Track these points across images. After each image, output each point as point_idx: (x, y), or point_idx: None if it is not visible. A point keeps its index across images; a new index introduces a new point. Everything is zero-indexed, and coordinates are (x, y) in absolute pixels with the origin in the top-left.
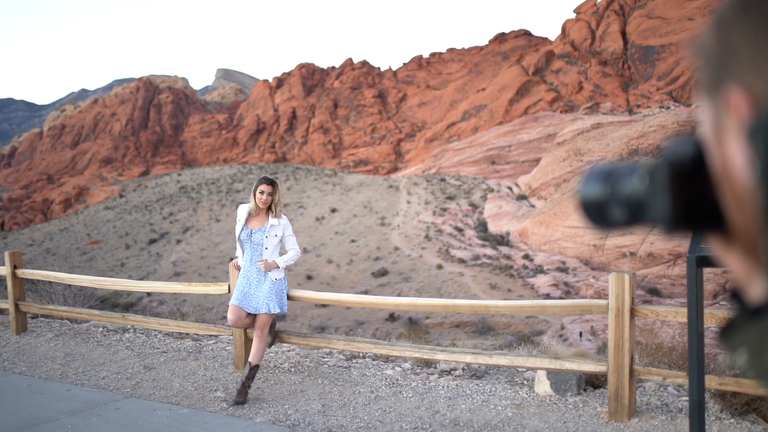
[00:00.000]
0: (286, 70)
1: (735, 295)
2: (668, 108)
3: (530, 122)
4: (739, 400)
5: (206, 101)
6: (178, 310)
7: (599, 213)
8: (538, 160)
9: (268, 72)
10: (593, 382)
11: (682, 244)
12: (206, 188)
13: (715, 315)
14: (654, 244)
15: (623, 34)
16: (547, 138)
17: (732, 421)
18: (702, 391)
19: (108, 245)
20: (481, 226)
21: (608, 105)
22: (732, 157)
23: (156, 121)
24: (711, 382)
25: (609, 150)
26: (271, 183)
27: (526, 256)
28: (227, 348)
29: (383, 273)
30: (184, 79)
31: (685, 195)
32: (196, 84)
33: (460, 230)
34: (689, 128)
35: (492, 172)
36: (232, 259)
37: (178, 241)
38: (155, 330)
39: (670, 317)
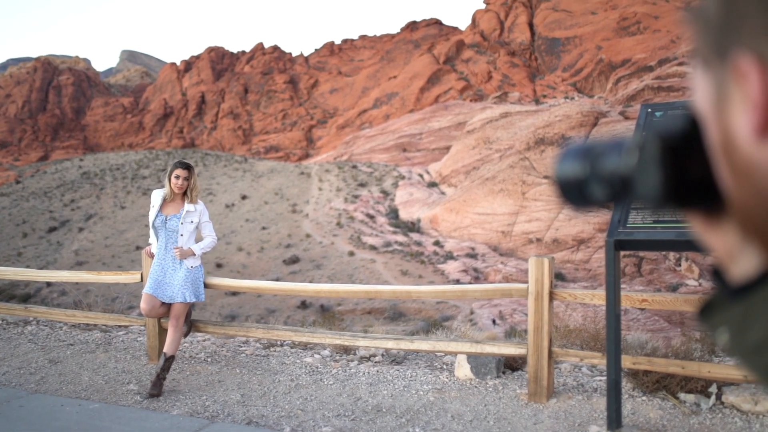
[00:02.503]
0: (195, 54)
1: (717, 274)
2: (572, 99)
3: (441, 110)
4: (650, 378)
5: (110, 84)
6: (82, 301)
7: (578, 192)
8: (448, 148)
9: (176, 55)
10: (511, 365)
11: (585, 230)
12: (110, 174)
13: (630, 297)
14: (559, 230)
15: (531, 25)
16: (457, 126)
17: (644, 398)
18: (619, 371)
19: (3, 234)
20: (393, 213)
21: (516, 95)
22: (737, 128)
23: (55, 104)
24: (625, 361)
25: (517, 138)
26: (187, 167)
27: (437, 243)
28: (139, 339)
29: (295, 260)
30: (86, 60)
31: (676, 170)
32: (99, 66)
33: (371, 217)
34: (592, 118)
35: (403, 159)
36: (138, 248)
37: (81, 230)
38: (60, 322)
39: (588, 300)
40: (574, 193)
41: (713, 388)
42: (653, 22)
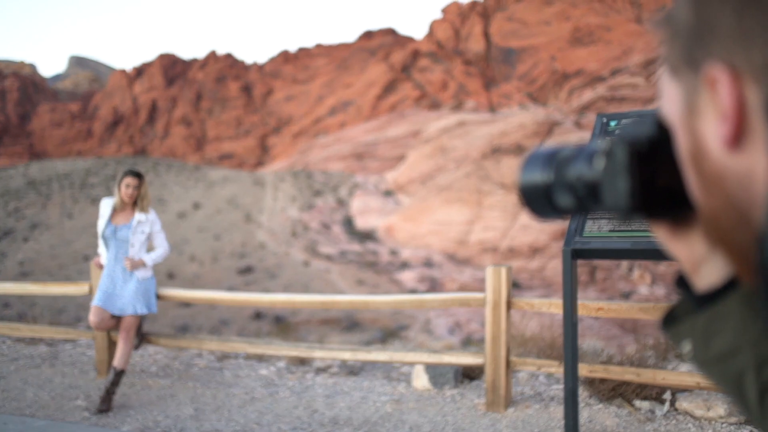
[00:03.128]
0: (146, 60)
1: (681, 283)
2: (527, 108)
3: (396, 119)
4: (606, 386)
5: (57, 90)
6: (27, 314)
7: (543, 200)
8: (404, 157)
9: (127, 61)
10: (469, 375)
11: (540, 239)
12: (57, 182)
13: (587, 306)
14: (515, 239)
15: (486, 35)
16: (413, 135)
17: (600, 406)
18: (576, 379)
19: None
20: (348, 222)
21: (472, 104)
22: (707, 138)
23: None
24: (582, 369)
25: (472, 147)
26: (138, 176)
27: (393, 252)
28: (88, 353)
29: (249, 270)
30: (32, 65)
31: (644, 178)
32: (46, 71)
33: (327, 226)
34: (547, 128)
35: (359, 168)
36: (87, 258)
37: (26, 239)
38: (3, 336)
39: (545, 309)
40: (538, 201)
41: (667, 395)
42: (606, 34)
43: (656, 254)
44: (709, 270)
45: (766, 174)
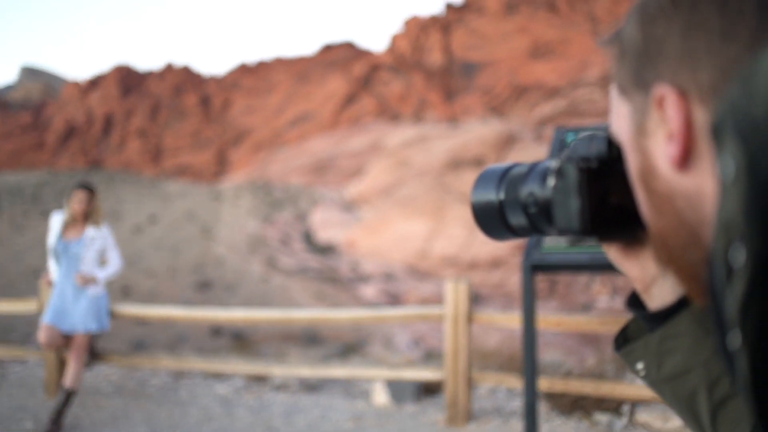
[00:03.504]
0: (101, 71)
1: (633, 303)
2: (488, 121)
3: (357, 131)
4: (566, 399)
5: (8, 100)
6: None
7: (496, 219)
8: (364, 170)
9: (81, 72)
10: (430, 389)
11: (500, 252)
12: (8, 196)
13: (547, 320)
14: (475, 252)
15: (447, 48)
16: (373, 147)
17: (561, 420)
18: (536, 393)
19: None
20: (308, 236)
21: (432, 116)
22: (657, 158)
23: None
24: (542, 383)
25: (433, 160)
26: (89, 189)
27: (353, 265)
28: (37, 373)
29: (206, 285)
30: None
31: (595, 197)
32: None
33: (286, 240)
34: (507, 141)
35: (319, 180)
36: (39, 274)
37: None
38: None
39: (505, 323)
40: (491, 220)
41: (626, 408)
42: (564, 48)
43: (615, 268)
44: (660, 290)
45: (714, 194)
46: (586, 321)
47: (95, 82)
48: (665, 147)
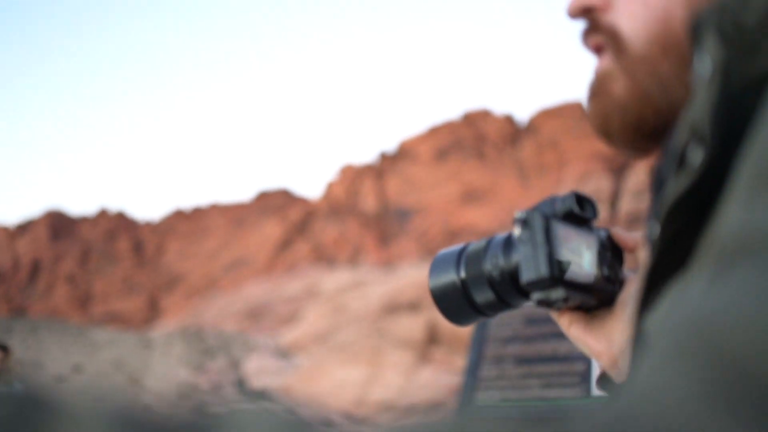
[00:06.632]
0: (31, 216)
1: (603, 381)
2: (422, 265)
3: (292, 276)
4: None
5: None
6: None
7: (460, 300)
8: (299, 315)
9: (7, 216)
10: None
11: (438, 394)
12: None
13: None
14: (413, 396)
15: (381, 194)
16: (308, 292)
17: None
18: None
19: None
20: (241, 384)
21: (367, 261)
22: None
23: None
24: None
25: (369, 305)
26: (2, 347)
27: (288, 413)
28: None
29: None
30: None
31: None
32: None
33: (218, 388)
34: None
35: (254, 326)
36: None
37: None
38: None
39: None
40: (454, 302)
41: None
42: (494, 193)
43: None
44: (628, 362)
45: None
46: None
47: (24, 227)
48: None
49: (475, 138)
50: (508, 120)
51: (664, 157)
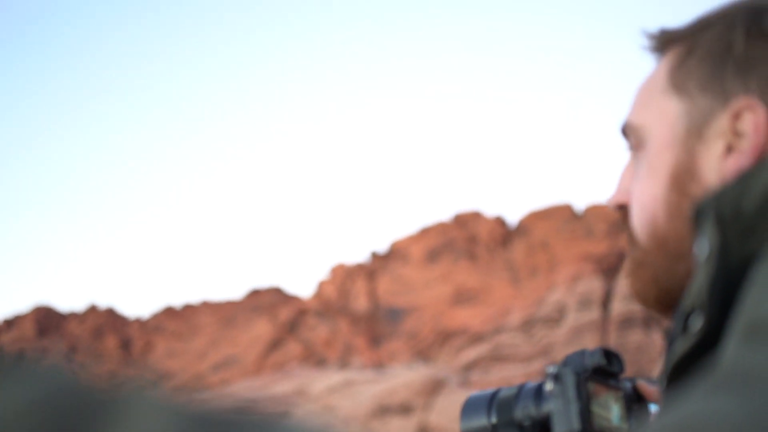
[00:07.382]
0: (19, 311)
1: None
2: (413, 366)
3: (281, 376)
4: None
5: None
6: None
7: None
8: (289, 416)
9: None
10: None
11: None
12: None
13: None
14: None
15: (372, 294)
16: (298, 392)
17: None
18: None
19: None
20: None
21: (358, 362)
22: (704, 164)
23: None
24: None
25: (359, 406)
26: None
27: None
28: None
29: None
30: None
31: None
32: None
33: None
34: (433, 386)
35: None
36: None
37: None
38: None
39: None
40: None
41: None
42: (486, 295)
43: None
44: None
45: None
46: None
47: (11, 322)
48: (721, 157)
49: (467, 239)
50: (499, 221)
51: (673, 322)
